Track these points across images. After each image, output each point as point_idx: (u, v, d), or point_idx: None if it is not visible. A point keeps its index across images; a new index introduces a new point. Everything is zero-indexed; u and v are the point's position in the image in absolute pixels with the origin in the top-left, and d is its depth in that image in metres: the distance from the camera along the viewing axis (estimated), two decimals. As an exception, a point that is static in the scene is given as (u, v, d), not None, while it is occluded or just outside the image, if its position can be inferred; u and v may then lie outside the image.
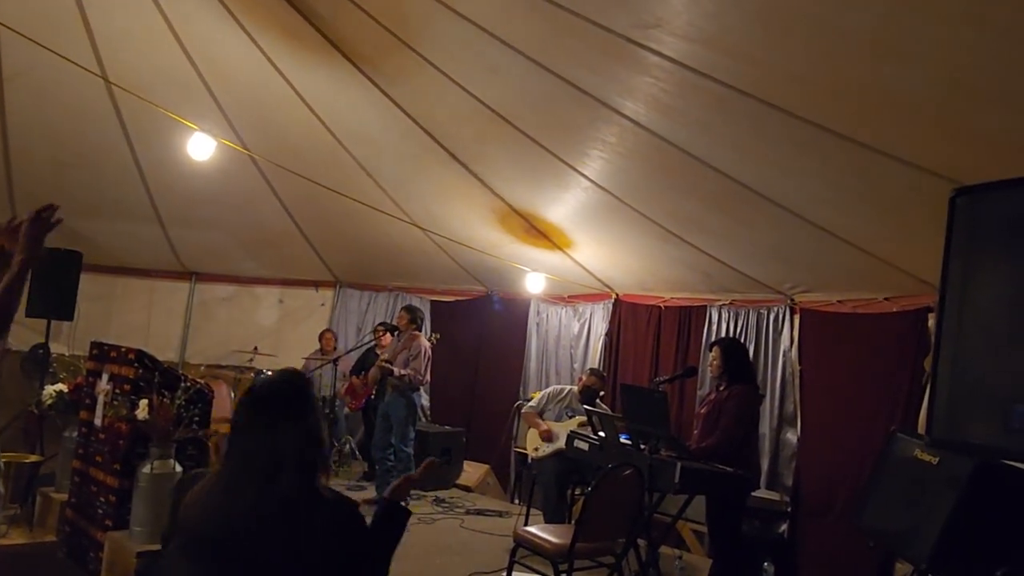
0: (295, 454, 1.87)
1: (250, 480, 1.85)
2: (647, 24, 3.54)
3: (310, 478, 1.90)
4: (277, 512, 1.82)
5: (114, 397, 4.22)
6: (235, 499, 1.84)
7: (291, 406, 1.94)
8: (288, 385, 2.01)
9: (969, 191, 2.20)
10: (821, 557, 5.50)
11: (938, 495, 3.26)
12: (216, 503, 1.87)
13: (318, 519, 1.85)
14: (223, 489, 1.89)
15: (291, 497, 1.83)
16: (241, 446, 1.95)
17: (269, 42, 5.32)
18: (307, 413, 1.96)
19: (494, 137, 5.46)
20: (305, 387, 2.03)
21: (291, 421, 1.91)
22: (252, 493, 1.83)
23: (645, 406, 4.55)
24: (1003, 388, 1.99)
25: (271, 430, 1.89)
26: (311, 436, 1.94)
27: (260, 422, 1.93)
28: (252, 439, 1.93)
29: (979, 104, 3.24)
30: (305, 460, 1.89)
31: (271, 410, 1.94)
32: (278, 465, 1.85)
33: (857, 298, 5.58)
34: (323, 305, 9.75)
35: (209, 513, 1.87)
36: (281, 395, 1.98)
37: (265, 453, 1.87)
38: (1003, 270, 2.08)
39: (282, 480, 1.83)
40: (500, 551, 5.31)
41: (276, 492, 1.83)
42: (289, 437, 1.88)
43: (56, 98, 6.05)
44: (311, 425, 1.95)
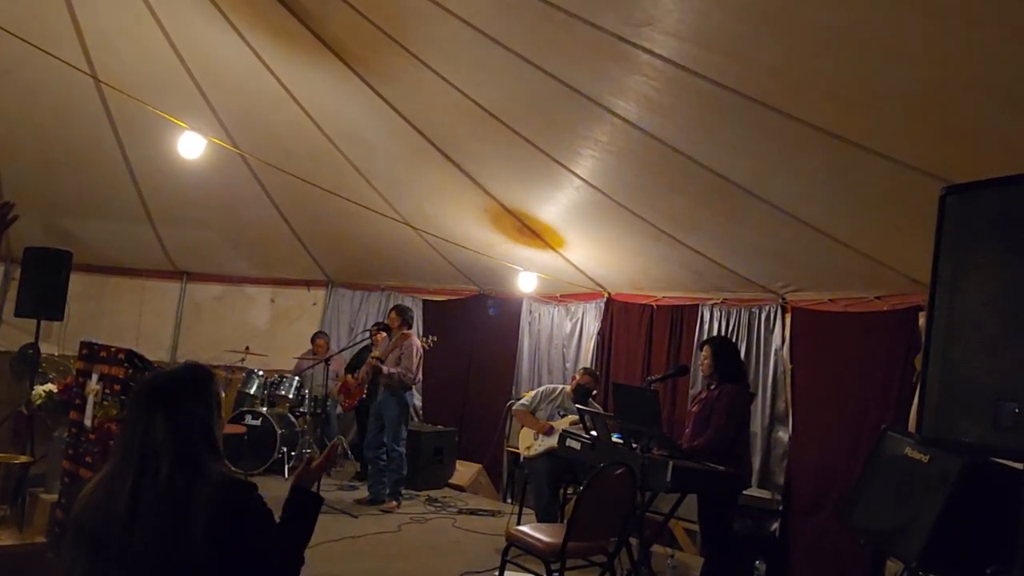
0: (173, 443, 1.86)
1: (127, 473, 1.86)
2: (638, 22, 3.54)
3: (191, 466, 1.88)
4: (154, 502, 1.81)
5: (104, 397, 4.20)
6: (112, 493, 1.85)
7: (162, 396, 1.94)
8: (170, 377, 2.02)
9: (959, 189, 2.20)
10: (812, 555, 5.52)
11: (928, 493, 3.27)
12: (97, 498, 1.89)
13: (198, 504, 1.83)
14: (105, 483, 1.90)
15: (168, 486, 1.82)
16: (122, 439, 1.97)
17: (260, 41, 5.30)
18: (181, 401, 1.94)
19: (486, 136, 5.45)
20: (189, 378, 2.02)
21: (165, 412, 1.90)
22: (128, 486, 1.83)
23: (637, 405, 4.56)
24: (993, 386, 1.99)
25: (145, 422, 1.90)
26: (192, 424, 1.93)
27: (137, 412, 1.94)
28: (128, 432, 1.94)
29: (969, 102, 3.25)
30: (184, 449, 1.88)
31: (146, 401, 1.95)
32: (151, 456, 1.85)
33: (848, 297, 5.60)
34: (315, 304, 9.73)
35: (93, 508, 1.88)
36: (160, 387, 1.98)
37: (139, 445, 1.88)
38: (993, 268, 2.08)
39: (152, 470, 1.83)
40: (492, 550, 5.31)
41: (149, 484, 1.83)
42: (164, 426, 1.88)
43: (45, 96, 6.03)
44: (193, 413, 1.94)
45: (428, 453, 7.72)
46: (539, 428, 6.21)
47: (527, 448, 6.34)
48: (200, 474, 1.88)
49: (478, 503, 7.29)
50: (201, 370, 2.08)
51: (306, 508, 2.15)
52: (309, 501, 2.17)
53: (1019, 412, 1.92)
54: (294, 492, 2.16)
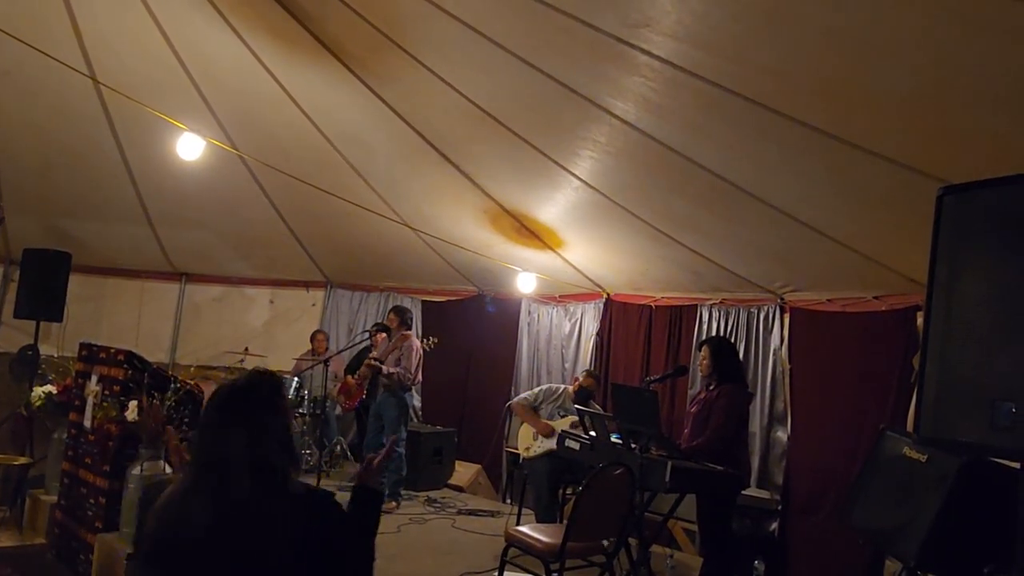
0: (245, 455, 1.85)
1: (204, 485, 1.86)
2: (636, 23, 3.55)
3: (272, 478, 1.88)
4: (235, 516, 1.81)
5: (103, 398, 4.21)
6: (192, 505, 1.84)
7: (241, 407, 1.93)
8: (247, 387, 1.99)
9: (957, 190, 2.21)
10: (811, 555, 5.52)
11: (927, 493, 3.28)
12: (175, 510, 1.87)
13: (282, 517, 1.83)
14: (182, 495, 1.89)
15: (246, 499, 1.82)
16: (200, 451, 1.96)
17: (258, 42, 5.30)
18: (259, 412, 1.93)
19: (485, 137, 5.46)
20: (266, 389, 2.00)
21: (240, 423, 1.89)
22: (207, 498, 1.83)
23: (636, 405, 4.56)
24: (990, 386, 2.00)
25: (224, 434, 1.89)
26: (271, 436, 1.92)
27: (213, 427, 1.93)
28: (207, 445, 1.93)
29: (967, 103, 3.26)
30: (259, 461, 1.87)
31: (221, 413, 1.94)
32: (231, 469, 1.84)
33: (846, 297, 5.61)
34: (314, 305, 9.73)
35: (169, 520, 1.87)
36: (238, 398, 1.97)
37: (218, 457, 1.87)
38: (990, 268, 2.09)
39: (233, 483, 1.83)
40: (492, 551, 5.31)
41: (229, 495, 1.82)
42: (244, 439, 1.86)
43: (44, 98, 6.02)
44: (266, 424, 1.93)
45: (427, 454, 7.72)
46: (540, 428, 6.21)
47: (526, 449, 6.34)
48: (282, 487, 1.89)
49: (477, 503, 7.29)
50: (274, 378, 2.08)
51: (370, 504, 2.19)
52: (372, 497, 2.21)
53: (1016, 412, 1.93)
54: (359, 491, 2.19)
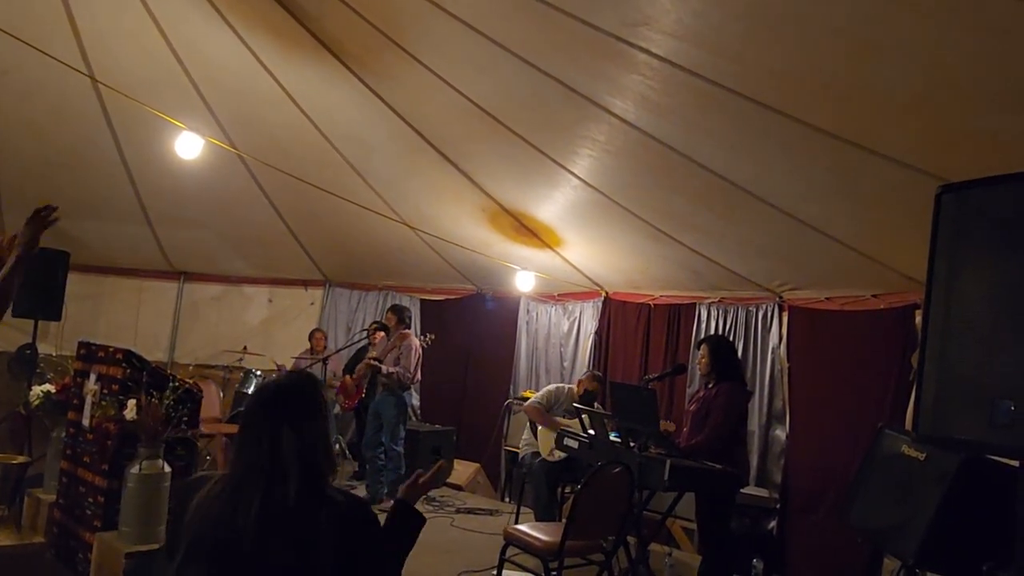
0: (299, 458, 1.85)
1: (255, 486, 1.83)
2: (635, 22, 3.55)
3: (316, 482, 1.87)
4: (282, 518, 1.80)
5: (102, 397, 4.19)
6: (240, 505, 1.82)
7: (293, 409, 1.92)
8: (293, 388, 1.99)
9: (955, 188, 2.21)
10: (810, 553, 5.53)
11: (925, 491, 3.28)
12: (222, 510, 1.84)
13: (327, 522, 1.83)
14: (229, 495, 1.86)
15: (296, 502, 1.81)
16: (246, 450, 1.92)
17: (257, 40, 5.30)
18: (310, 416, 1.93)
19: (484, 136, 5.46)
20: (311, 390, 2.00)
21: (295, 425, 1.88)
22: (257, 499, 1.81)
23: (634, 404, 4.56)
24: (989, 384, 2.00)
25: (275, 434, 1.87)
26: (316, 439, 1.92)
27: (260, 427, 1.91)
28: (256, 443, 1.90)
29: (965, 101, 3.26)
30: (310, 464, 1.87)
31: (274, 413, 1.92)
32: (282, 470, 1.83)
33: (845, 295, 5.61)
34: (313, 304, 9.73)
35: (216, 520, 1.84)
36: (285, 398, 1.95)
37: (268, 458, 1.85)
38: (988, 266, 2.09)
39: (286, 485, 1.82)
40: (490, 549, 5.30)
41: (280, 498, 1.81)
42: (292, 441, 1.86)
43: (42, 97, 6.02)
44: (317, 428, 1.93)
45: (426, 452, 7.72)
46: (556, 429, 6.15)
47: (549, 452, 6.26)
48: (325, 493, 1.88)
49: (476, 502, 7.29)
50: (315, 379, 2.09)
51: (408, 523, 2.19)
52: (412, 516, 2.20)
53: (1015, 410, 1.93)
54: (399, 506, 2.19)
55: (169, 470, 3.91)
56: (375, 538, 1.97)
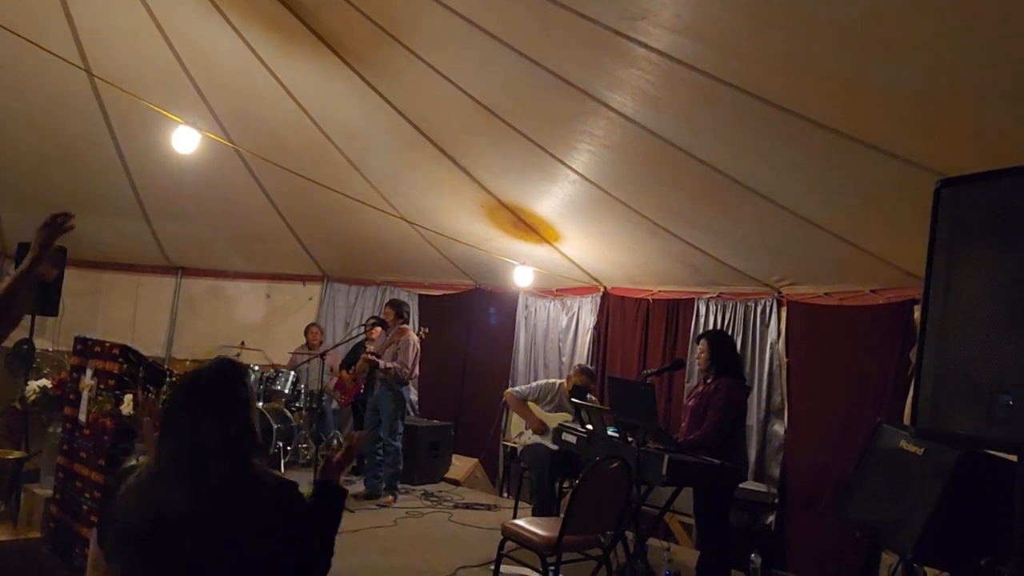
0: (222, 443, 1.87)
1: (179, 471, 1.86)
2: (633, 16, 3.53)
3: (241, 465, 1.90)
4: (208, 502, 1.82)
5: (99, 392, 4.19)
6: (166, 491, 1.85)
7: (215, 396, 1.95)
8: (213, 375, 2.01)
9: (954, 183, 2.21)
10: (808, 548, 5.54)
11: (923, 485, 3.28)
12: (148, 496, 1.88)
13: (254, 505, 1.85)
14: (154, 482, 1.90)
15: (221, 486, 1.84)
16: (168, 439, 1.96)
17: (254, 35, 5.28)
18: (230, 402, 1.95)
19: (481, 131, 5.44)
20: (232, 377, 2.02)
21: (216, 411, 1.91)
22: (182, 484, 1.84)
23: (633, 399, 4.55)
24: (987, 379, 2.00)
25: (196, 420, 1.90)
26: (239, 424, 1.94)
27: (186, 413, 1.94)
28: (179, 430, 1.93)
29: (964, 96, 3.26)
30: (233, 449, 1.89)
31: (196, 401, 1.95)
32: (205, 455, 1.85)
33: (844, 290, 5.61)
34: (311, 300, 9.73)
35: (141, 508, 1.87)
36: (205, 385, 1.98)
37: (191, 444, 1.88)
38: (987, 261, 2.09)
39: (210, 470, 1.84)
40: (489, 544, 5.31)
41: (205, 482, 1.83)
42: (215, 427, 1.88)
43: (38, 91, 5.99)
44: (239, 414, 1.95)
45: (424, 447, 7.73)
46: (532, 424, 6.21)
47: (519, 434, 6.33)
48: (253, 476, 1.91)
49: (474, 497, 7.30)
50: (238, 366, 2.10)
51: (332, 500, 2.21)
52: (334, 494, 2.22)
53: (1013, 404, 1.92)
54: (320, 486, 2.22)
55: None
56: (304, 517, 1.99)
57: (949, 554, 3.17)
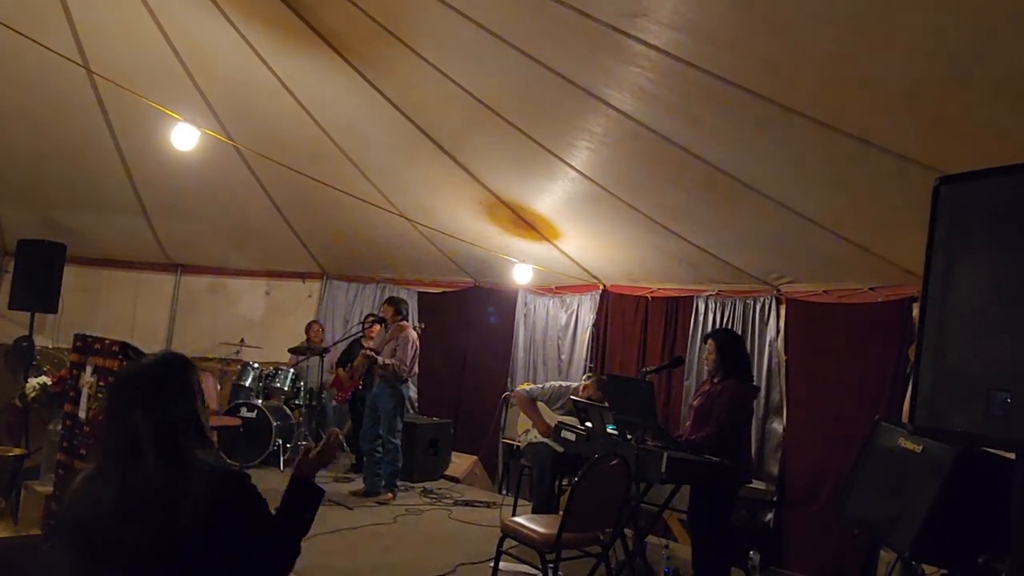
0: (153, 437, 1.85)
1: (114, 467, 1.86)
2: (633, 13, 3.54)
3: (177, 458, 1.87)
4: (136, 497, 1.81)
5: (99, 390, 4.19)
6: (101, 488, 1.84)
7: (141, 389, 1.93)
8: (143, 371, 2.00)
9: (953, 180, 2.20)
10: (806, 546, 5.55)
11: (921, 483, 3.29)
12: (85, 494, 1.88)
13: (189, 497, 1.82)
14: (89, 480, 1.90)
15: (150, 480, 1.82)
16: (105, 436, 1.96)
17: (253, 32, 5.28)
18: (161, 394, 1.93)
19: (481, 128, 5.44)
20: (163, 370, 2.00)
21: (147, 406, 1.89)
22: (115, 480, 1.83)
23: (632, 396, 4.54)
24: (985, 376, 2.00)
25: (127, 415, 1.89)
26: (174, 417, 1.91)
27: (116, 408, 1.94)
28: (112, 426, 1.93)
29: (963, 93, 3.26)
30: (164, 442, 1.86)
31: (125, 395, 1.94)
32: (134, 451, 1.84)
33: (843, 288, 5.61)
34: (310, 297, 9.73)
35: (76, 504, 1.88)
36: (135, 379, 1.98)
37: (121, 440, 1.87)
38: (985, 259, 2.09)
39: (136, 465, 1.83)
40: (488, 541, 5.32)
41: (138, 477, 1.82)
42: (145, 422, 1.86)
43: (38, 88, 5.99)
44: (174, 406, 1.93)
45: (423, 445, 7.73)
46: (540, 427, 6.17)
47: (524, 432, 6.32)
48: (186, 466, 1.88)
49: (474, 495, 7.31)
50: (176, 359, 2.05)
51: (304, 498, 2.15)
52: (308, 492, 2.16)
53: (1012, 401, 1.93)
54: (293, 482, 2.15)
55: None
56: (249, 507, 1.94)
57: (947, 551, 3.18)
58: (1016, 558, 2.06)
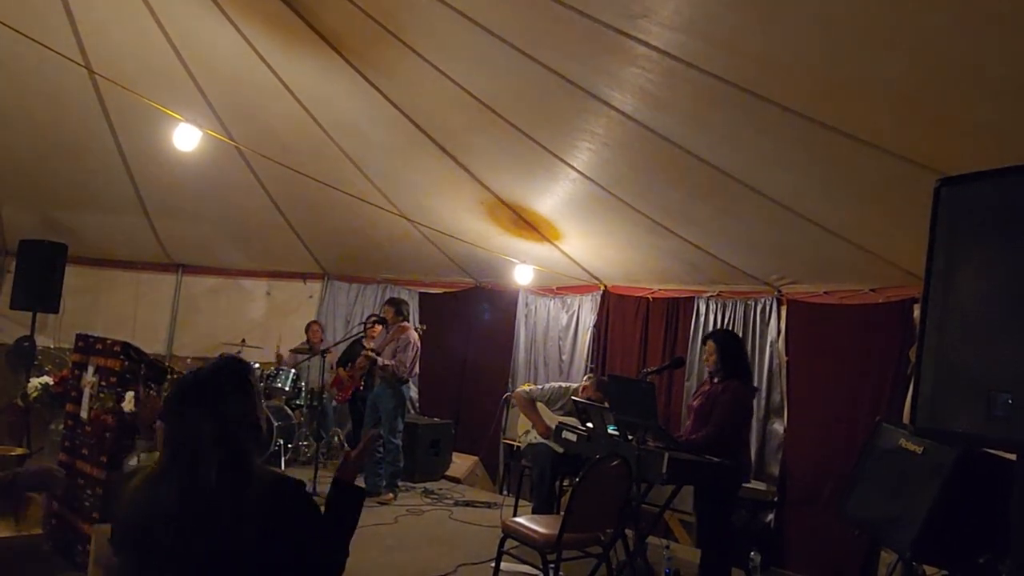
0: (217, 443, 1.86)
1: (174, 471, 1.86)
2: (634, 14, 3.54)
3: (240, 464, 1.88)
4: (199, 501, 1.81)
5: (100, 389, 4.21)
6: (161, 492, 1.84)
7: (206, 393, 1.93)
8: (205, 373, 2.00)
9: (954, 181, 2.21)
10: (807, 546, 5.55)
11: (922, 483, 3.29)
12: (144, 497, 1.88)
13: (249, 503, 1.83)
14: (151, 484, 1.90)
15: (213, 485, 1.82)
16: (167, 440, 1.96)
17: (254, 32, 5.28)
18: (225, 398, 1.93)
19: (482, 128, 5.44)
20: (228, 374, 2.00)
21: (206, 408, 1.89)
22: (175, 484, 1.83)
23: (632, 397, 4.54)
24: (985, 377, 2.00)
25: (189, 419, 1.89)
26: (237, 422, 1.92)
27: (178, 412, 1.94)
28: (173, 432, 1.94)
29: (965, 94, 3.26)
30: (231, 447, 1.87)
31: (186, 400, 1.94)
32: (196, 454, 1.84)
33: (843, 289, 5.61)
34: (311, 297, 9.73)
35: (138, 509, 1.88)
36: (197, 384, 1.97)
37: (185, 445, 1.87)
38: (986, 260, 2.09)
39: (201, 469, 1.83)
40: (489, 542, 5.32)
41: (200, 482, 1.82)
42: (205, 425, 1.87)
43: (38, 88, 6.00)
44: (233, 410, 1.93)
45: (424, 445, 7.73)
46: (540, 428, 6.18)
47: (525, 432, 6.32)
48: (249, 473, 1.89)
49: (475, 495, 7.31)
50: (240, 364, 2.08)
51: (349, 501, 2.17)
52: (351, 494, 2.19)
53: (1012, 402, 1.93)
54: (337, 487, 2.17)
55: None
56: (307, 514, 1.96)
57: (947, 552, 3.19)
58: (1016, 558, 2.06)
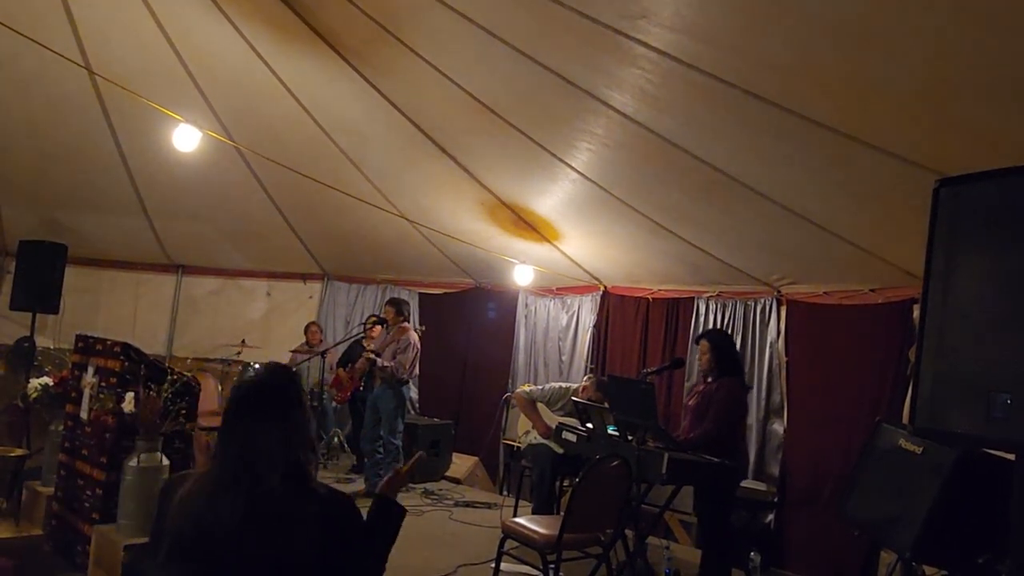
0: (278, 453, 1.85)
1: (234, 482, 1.84)
2: (633, 15, 3.54)
3: (297, 476, 1.87)
4: (262, 513, 1.81)
5: (100, 390, 4.20)
6: (220, 502, 1.82)
7: (272, 404, 1.92)
8: (270, 382, 1.98)
9: (953, 182, 2.21)
10: (807, 547, 5.55)
11: (922, 484, 3.29)
12: (202, 507, 1.85)
13: (309, 517, 1.83)
14: (209, 492, 1.87)
15: (276, 497, 1.81)
16: (225, 448, 1.93)
17: (254, 33, 5.29)
18: (290, 410, 1.93)
19: (482, 129, 5.45)
20: (288, 383, 1.99)
21: (273, 419, 1.88)
22: (236, 495, 1.82)
23: (632, 397, 4.55)
24: (985, 377, 2.01)
25: (253, 429, 1.88)
26: (296, 433, 1.91)
27: (242, 422, 1.91)
28: (235, 439, 1.91)
29: (963, 95, 3.26)
30: (290, 458, 1.86)
31: (252, 409, 1.92)
32: (261, 465, 1.83)
33: (843, 289, 5.62)
34: (311, 298, 9.73)
35: (196, 518, 1.85)
36: (262, 393, 1.95)
37: (247, 453, 1.86)
38: (985, 260, 2.09)
39: (265, 480, 1.82)
40: (489, 542, 5.32)
41: (260, 493, 1.81)
42: (271, 436, 1.86)
43: (39, 89, 6.01)
44: (296, 422, 1.92)
45: (425, 446, 7.72)
46: (539, 429, 6.18)
47: (525, 433, 6.32)
48: (308, 487, 1.89)
49: (475, 496, 7.31)
50: (293, 374, 2.06)
51: (390, 517, 2.17)
52: (393, 511, 2.18)
53: (1011, 403, 1.93)
54: (381, 503, 2.17)
55: (167, 463, 3.91)
56: (357, 531, 1.97)
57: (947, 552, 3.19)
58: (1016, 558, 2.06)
